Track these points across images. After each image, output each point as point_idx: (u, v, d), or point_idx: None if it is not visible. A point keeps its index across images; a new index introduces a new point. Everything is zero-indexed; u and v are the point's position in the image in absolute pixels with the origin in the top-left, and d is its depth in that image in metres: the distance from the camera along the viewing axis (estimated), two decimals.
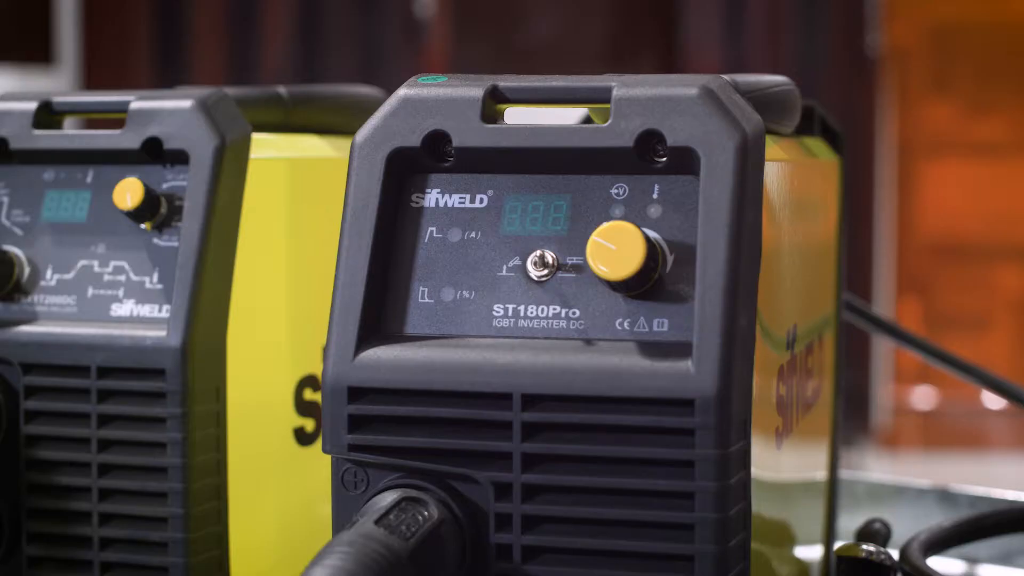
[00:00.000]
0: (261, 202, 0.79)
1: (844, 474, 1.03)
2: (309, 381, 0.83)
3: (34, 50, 2.87)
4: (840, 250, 0.90)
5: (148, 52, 2.95)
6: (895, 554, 0.80)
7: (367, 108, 0.92)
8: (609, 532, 0.62)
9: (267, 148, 0.81)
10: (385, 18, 3.17)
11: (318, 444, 0.84)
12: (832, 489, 0.91)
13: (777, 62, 3.60)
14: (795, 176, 0.75)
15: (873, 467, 3.59)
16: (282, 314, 0.81)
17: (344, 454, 0.64)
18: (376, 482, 0.64)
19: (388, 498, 0.62)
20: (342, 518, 0.64)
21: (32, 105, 0.80)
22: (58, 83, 2.77)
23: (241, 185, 0.77)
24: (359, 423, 0.64)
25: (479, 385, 0.62)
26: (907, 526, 0.97)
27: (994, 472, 3.69)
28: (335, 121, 0.89)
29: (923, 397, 3.86)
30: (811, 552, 0.85)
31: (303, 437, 0.83)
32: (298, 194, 0.83)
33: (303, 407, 0.83)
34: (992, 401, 3.79)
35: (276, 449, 0.81)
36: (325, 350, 0.64)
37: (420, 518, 0.61)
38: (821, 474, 0.88)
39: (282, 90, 0.86)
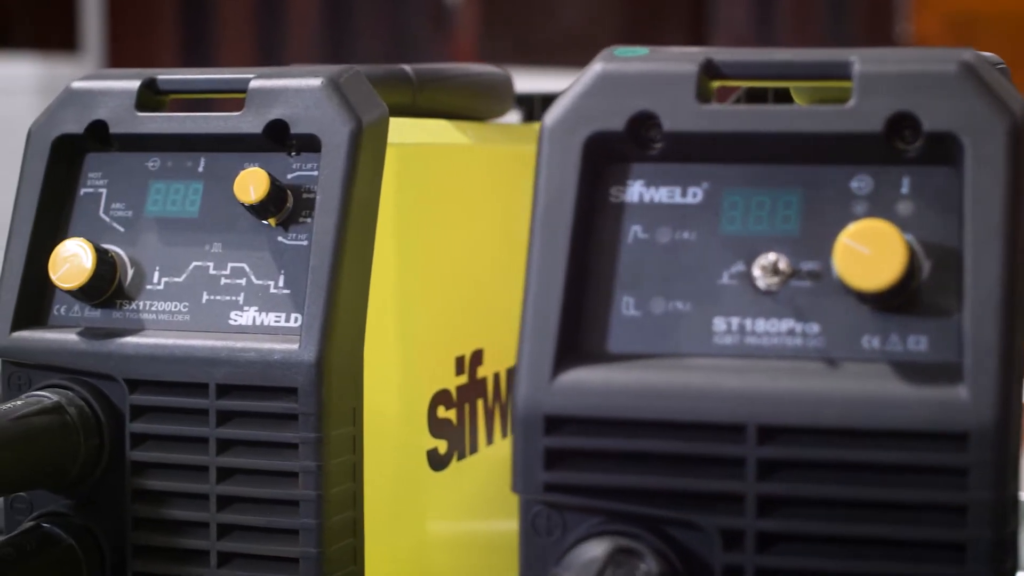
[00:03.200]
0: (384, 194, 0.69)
1: None
2: (442, 397, 0.74)
3: (58, 38, 2.77)
4: None
5: (173, 40, 2.84)
6: None
7: (498, 90, 0.83)
8: None
9: (392, 133, 0.71)
10: (413, 6, 3.07)
11: (452, 467, 0.74)
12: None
13: None
14: None
15: None
16: (398, 321, 0.71)
17: (539, 495, 0.54)
18: (573, 527, 0.54)
19: (596, 549, 0.53)
20: (533, 569, 0.55)
21: (134, 84, 0.70)
22: (83, 72, 2.67)
23: (379, 175, 0.67)
24: (558, 458, 0.54)
25: (705, 414, 0.53)
26: None
27: None
28: (464, 104, 0.80)
29: None
30: None
31: (436, 460, 0.73)
32: (424, 184, 0.73)
33: (436, 426, 0.73)
34: None
35: (408, 475, 0.71)
36: (516, 371, 0.54)
37: (638, 574, 0.51)
38: None
39: (408, 69, 0.76)
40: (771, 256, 0.54)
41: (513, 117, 0.90)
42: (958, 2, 3.66)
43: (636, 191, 0.56)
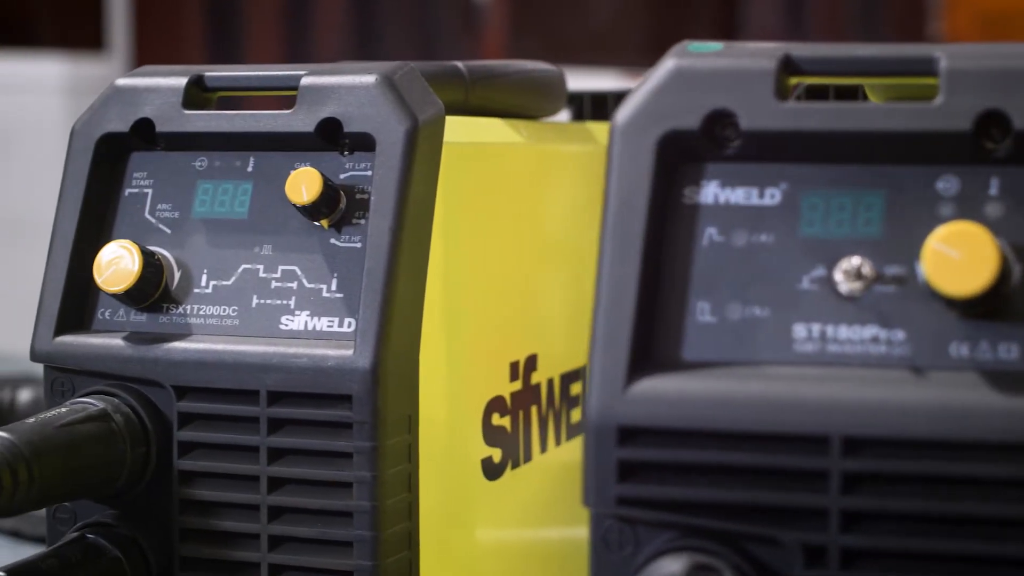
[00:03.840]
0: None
1: None
2: (496, 404, 0.71)
3: (84, 37, 2.75)
4: None
5: (200, 39, 2.82)
6: None
7: (551, 87, 0.80)
8: None
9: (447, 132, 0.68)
10: (441, 4, 3.05)
11: (506, 476, 0.72)
12: None
13: None
14: None
15: None
16: (451, 326, 0.69)
17: (611, 509, 0.52)
18: (646, 542, 0.52)
19: (672, 565, 0.50)
20: None
21: (181, 81, 0.67)
22: (110, 71, 2.65)
23: (435, 175, 0.65)
24: (631, 471, 0.52)
25: (787, 425, 0.50)
26: None
27: None
28: (517, 102, 0.77)
29: None
30: None
31: (491, 469, 0.71)
32: (476, 184, 0.71)
33: (491, 434, 0.71)
34: None
35: (463, 484, 0.69)
36: (587, 381, 0.52)
37: None
38: None
39: (461, 66, 0.74)
40: (854, 260, 0.52)
41: (562, 116, 0.88)
42: (990, 0, 3.63)
43: (711, 192, 0.54)
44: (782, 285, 0.53)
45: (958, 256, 0.49)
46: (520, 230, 0.74)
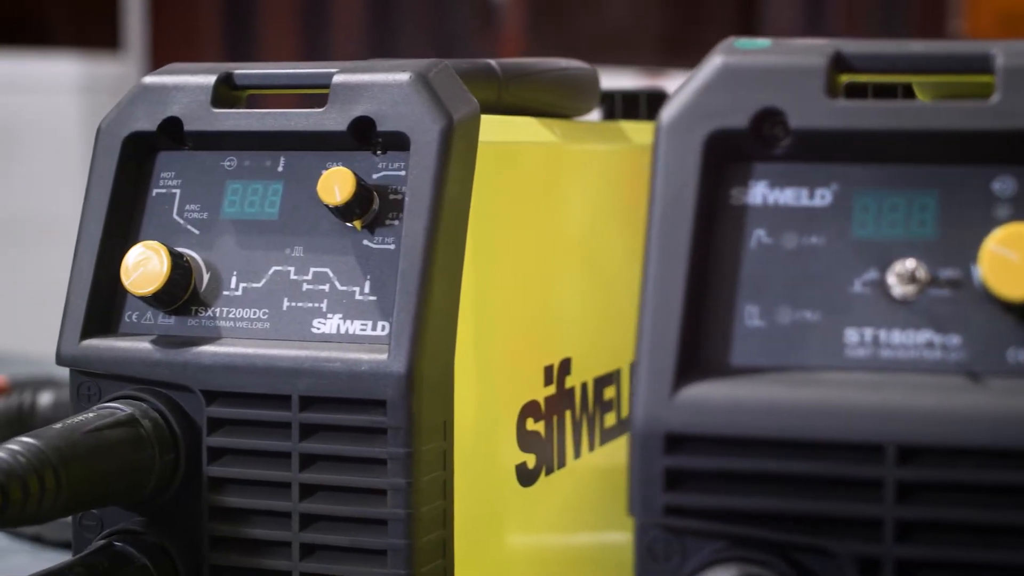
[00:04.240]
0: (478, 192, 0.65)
1: None
2: (530, 408, 0.70)
3: (100, 37, 2.75)
4: None
5: (216, 38, 2.81)
6: None
7: (585, 86, 0.79)
8: None
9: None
10: (459, 4, 3.03)
11: (540, 482, 0.71)
12: None
13: None
14: None
15: None
16: (485, 329, 0.68)
17: (658, 518, 0.50)
18: (693, 553, 0.51)
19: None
20: None
21: (210, 79, 0.66)
22: (125, 70, 2.64)
23: (470, 175, 0.63)
24: (679, 479, 0.50)
25: (840, 433, 0.49)
26: None
27: None
28: (551, 100, 0.76)
29: None
30: None
31: (525, 475, 0.69)
32: (509, 184, 0.69)
33: (525, 439, 0.69)
34: None
35: (498, 491, 0.68)
36: (633, 386, 0.51)
37: None
38: None
39: (494, 64, 0.72)
40: (908, 263, 0.50)
41: (592, 115, 0.86)
42: None
43: (759, 192, 0.52)
44: (833, 288, 0.51)
45: (1017, 259, 0.48)
46: (552, 231, 0.73)
